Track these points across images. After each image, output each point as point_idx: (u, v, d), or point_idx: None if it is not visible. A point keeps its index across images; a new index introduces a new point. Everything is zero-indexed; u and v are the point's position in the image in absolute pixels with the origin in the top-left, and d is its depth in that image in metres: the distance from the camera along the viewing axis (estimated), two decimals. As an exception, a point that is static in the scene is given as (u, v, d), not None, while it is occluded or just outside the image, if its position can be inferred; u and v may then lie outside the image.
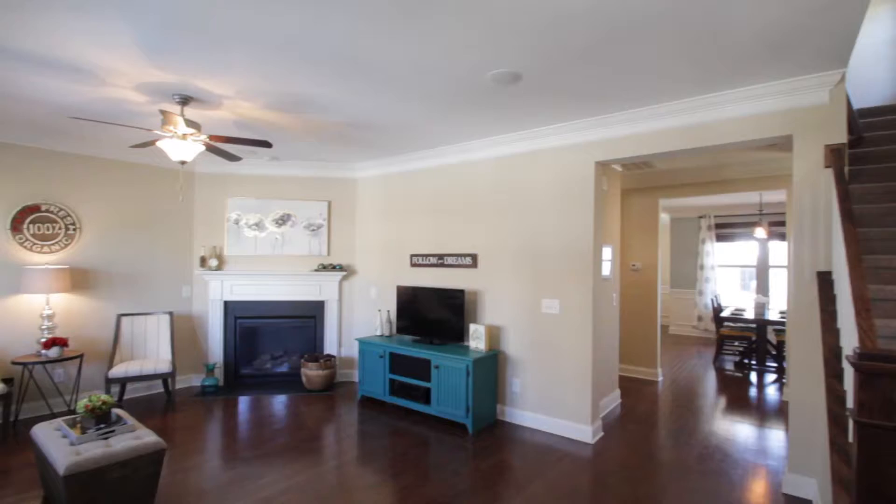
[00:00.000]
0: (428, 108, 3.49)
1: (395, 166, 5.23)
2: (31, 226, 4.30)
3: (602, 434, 3.95)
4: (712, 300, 7.50)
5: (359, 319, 5.64)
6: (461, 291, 4.38)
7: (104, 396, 2.79)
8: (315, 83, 2.99)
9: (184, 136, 3.26)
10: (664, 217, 9.65)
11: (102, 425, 2.72)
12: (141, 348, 4.82)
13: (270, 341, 5.78)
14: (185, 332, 5.34)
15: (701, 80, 2.89)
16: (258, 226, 5.46)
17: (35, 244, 4.33)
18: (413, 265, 5.07)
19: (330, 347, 5.57)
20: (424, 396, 4.32)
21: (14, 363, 3.95)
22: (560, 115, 3.61)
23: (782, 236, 8.20)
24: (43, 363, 4.05)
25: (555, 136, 3.93)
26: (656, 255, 5.81)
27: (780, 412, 4.61)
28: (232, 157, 3.84)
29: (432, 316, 4.60)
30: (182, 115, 3.14)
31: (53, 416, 4.29)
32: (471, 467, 3.33)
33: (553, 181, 4.00)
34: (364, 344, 4.82)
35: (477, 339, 4.25)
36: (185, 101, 3.30)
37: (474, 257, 4.52)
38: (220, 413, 4.46)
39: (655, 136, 3.47)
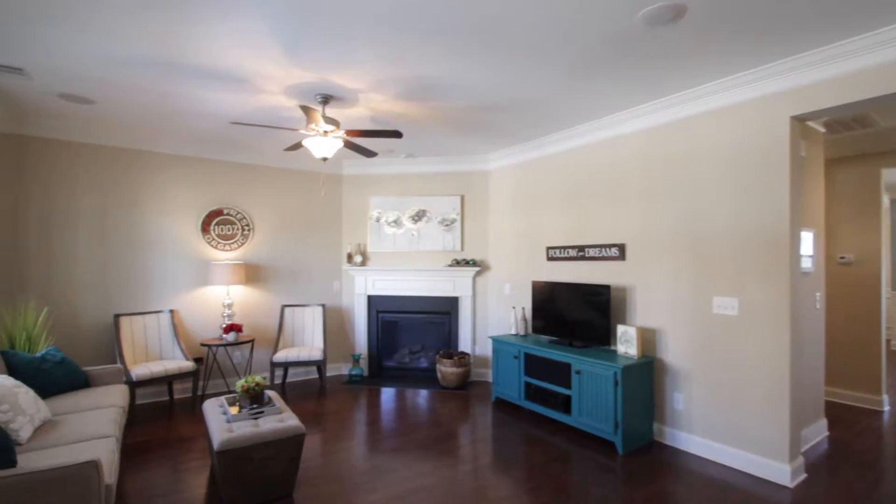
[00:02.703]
0: (563, 75, 3.07)
1: (528, 153, 4.87)
2: (216, 227, 5.03)
3: (805, 476, 3.03)
4: (970, 307, 5.48)
5: (492, 317, 5.41)
6: (606, 287, 3.83)
7: (258, 378, 3.01)
8: (440, 59, 2.81)
9: (325, 133, 3.43)
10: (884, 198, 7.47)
11: (255, 405, 2.93)
12: (300, 336, 5.31)
13: (409, 335, 5.90)
14: (335, 324, 5.75)
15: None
16: (396, 223, 5.61)
17: (219, 243, 5.04)
18: (550, 259, 4.64)
19: (464, 345, 5.45)
20: (563, 405, 3.87)
21: (202, 345, 4.65)
22: (735, 62, 2.86)
23: None
24: (224, 346, 4.67)
25: (726, 91, 3.15)
26: (878, 245, 4.40)
27: None
28: (368, 153, 3.93)
29: (572, 315, 4.13)
30: (323, 114, 3.29)
31: (230, 392, 4.93)
32: (622, 495, 2.81)
33: (725, 150, 3.22)
34: (498, 343, 4.56)
35: (626, 343, 3.67)
36: (325, 100, 3.47)
37: (621, 248, 3.93)
38: (364, 402, 4.64)
39: (879, 73, 2.51)
